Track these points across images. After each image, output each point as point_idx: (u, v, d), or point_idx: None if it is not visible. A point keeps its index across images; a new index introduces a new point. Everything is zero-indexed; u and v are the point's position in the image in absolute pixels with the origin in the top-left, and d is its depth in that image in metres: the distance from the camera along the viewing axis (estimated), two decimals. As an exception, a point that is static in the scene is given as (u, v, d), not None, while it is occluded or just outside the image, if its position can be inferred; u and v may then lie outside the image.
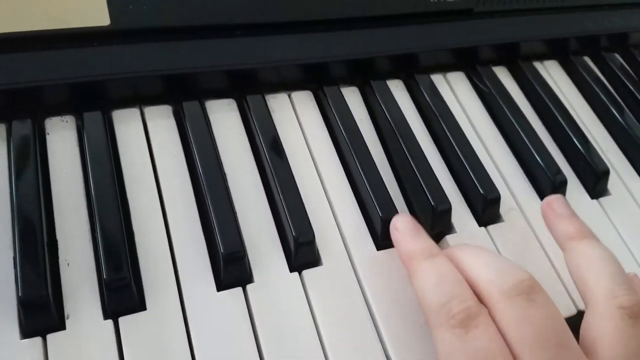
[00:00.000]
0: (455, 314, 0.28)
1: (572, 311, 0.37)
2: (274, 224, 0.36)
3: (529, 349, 0.27)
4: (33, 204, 0.32)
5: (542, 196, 0.42)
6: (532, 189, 0.43)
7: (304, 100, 0.43)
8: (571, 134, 0.46)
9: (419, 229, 0.34)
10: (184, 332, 0.31)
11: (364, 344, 0.32)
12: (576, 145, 0.45)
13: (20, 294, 0.29)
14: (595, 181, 0.44)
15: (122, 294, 0.30)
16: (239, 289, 0.33)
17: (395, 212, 0.37)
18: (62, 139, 0.37)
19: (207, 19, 0.39)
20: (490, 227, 0.39)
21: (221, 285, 0.33)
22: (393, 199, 0.37)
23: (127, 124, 0.38)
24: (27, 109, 0.36)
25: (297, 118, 0.42)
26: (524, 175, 0.43)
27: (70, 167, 0.35)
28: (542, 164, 0.42)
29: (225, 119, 0.41)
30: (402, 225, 0.34)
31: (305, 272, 0.35)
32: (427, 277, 0.31)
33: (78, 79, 0.37)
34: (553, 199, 0.37)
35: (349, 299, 0.34)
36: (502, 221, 0.40)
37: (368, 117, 0.44)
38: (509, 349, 0.28)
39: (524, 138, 0.44)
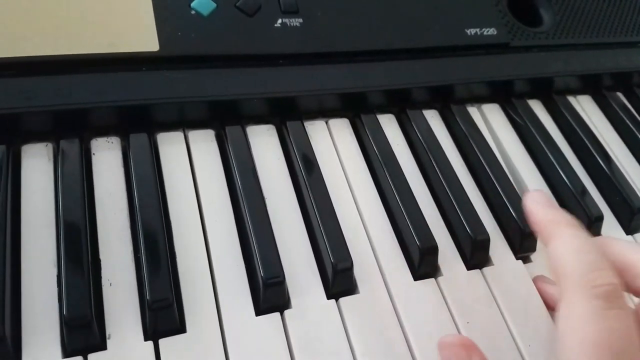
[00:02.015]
0: (599, 285, 0.27)
1: None
2: (312, 250, 0.37)
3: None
4: (78, 223, 0.33)
5: (578, 230, 0.42)
6: (569, 223, 0.42)
7: (341, 127, 0.44)
8: (606, 169, 0.45)
9: (557, 205, 0.34)
10: (223, 355, 0.31)
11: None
12: (611, 181, 0.45)
13: (64, 313, 0.29)
14: (631, 217, 0.43)
15: (164, 315, 0.30)
16: (277, 315, 0.33)
17: (433, 241, 0.37)
18: (107, 160, 0.37)
19: (252, 48, 0.40)
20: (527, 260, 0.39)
21: (260, 310, 0.33)
22: (431, 227, 0.37)
23: (171, 147, 0.39)
24: (75, 130, 0.37)
25: (334, 144, 0.43)
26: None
27: (115, 187, 0.36)
28: (578, 198, 0.42)
29: (265, 144, 0.41)
30: (540, 198, 0.34)
31: (342, 300, 0.35)
32: (572, 243, 0.30)
33: (126, 102, 0.38)
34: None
35: (386, 329, 0.34)
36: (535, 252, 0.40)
37: (405, 143, 0.44)
38: None
39: (560, 171, 0.44)
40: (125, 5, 0.39)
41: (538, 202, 0.34)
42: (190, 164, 0.39)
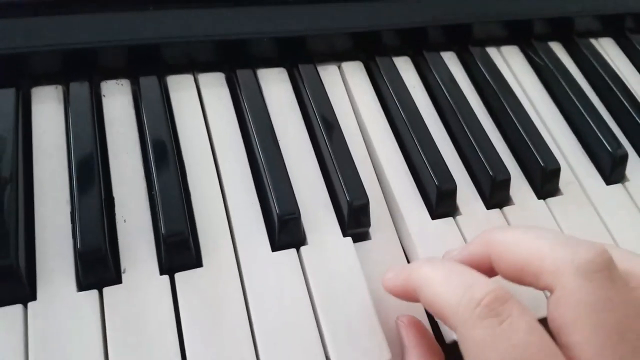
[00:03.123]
0: (479, 300, 0.23)
1: None
2: (327, 190, 0.36)
3: (602, 340, 0.22)
4: (91, 162, 0.32)
5: (601, 171, 0.41)
6: (591, 163, 0.41)
7: (355, 71, 0.43)
8: (630, 108, 0.44)
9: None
10: (240, 289, 0.30)
11: (411, 308, 0.31)
12: (636, 120, 0.43)
13: (79, 247, 0.29)
14: (658, 157, 0.42)
15: (180, 249, 0.30)
16: (293, 250, 0.32)
17: (453, 181, 0.36)
18: (118, 102, 0.37)
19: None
20: (549, 200, 0.38)
21: (275, 246, 0.32)
22: (449, 167, 0.36)
23: (181, 89, 0.38)
24: (84, 72, 0.37)
25: (347, 87, 0.42)
26: (582, 149, 0.42)
27: (127, 128, 0.36)
28: (602, 138, 0.41)
29: (276, 87, 0.40)
30: (388, 272, 0.29)
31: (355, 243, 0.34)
32: (432, 279, 0.26)
33: (134, 42, 0.37)
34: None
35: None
36: (561, 194, 0.39)
37: (422, 86, 0.43)
38: (562, 340, 0.23)
39: (583, 112, 0.42)
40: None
41: (389, 278, 0.29)
42: (202, 106, 0.38)
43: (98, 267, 0.29)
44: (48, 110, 0.35)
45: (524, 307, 0.23)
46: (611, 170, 0.40)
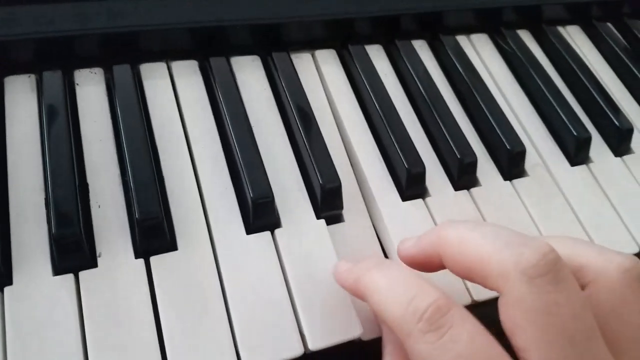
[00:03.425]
0: (422, 313, 0.23)
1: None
2: (300, 174, 0.37)
3: (546, 347, 0.22)
4: (64, 149, 0.32)
5: (566, 153, 0.42)
6: (557, 146, 0.43)
7: (328, 58, 0.43)
8: (595, 93, 0.45)
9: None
10: (215, 272, 0.31)
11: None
12: (600, 105, 0.45)
13: (54, 231, 0.29)
14: (620, 139, 0.43)
15: (154, 232, 0.31)
16: (268, 233, 0.33)
17: (422, 164, 0.37)
18: (91, 90, 0.37)
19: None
20: (516, 181, 0.39)
21: (250, 229, 0.33)
22: (419, 151, 0.37)
23: (154, 77, 0.38)
24: (58, 60, 0.37)
25: (320, 75, 0.43)
26: (548, 133, 0.43)
27: (100, 116, 0.36)
28: (566, 121, 0.42)
29: (250, 75, 0.41)
30: (341, 266, 0.30)
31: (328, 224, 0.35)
32: (378, 287, 0.26)
33: (107, 30, 0.37)
34: (398, 245, 0.30)
35: (373, 246, 0.34)
36: (527, 176, 0.40)
37: (394, 74, 0.44)
38: (514, 342, 0.23)
39: (548, 96, 0.44)
40: None
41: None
42: (175, 94, 0.38)
43: (73, 251, 0.29)
44: (21, 99, 0.36)
45: (466, 314, 0.23)
46: (575, 152, 0.42)
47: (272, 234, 0.33)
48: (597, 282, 0.24)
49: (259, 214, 0.33)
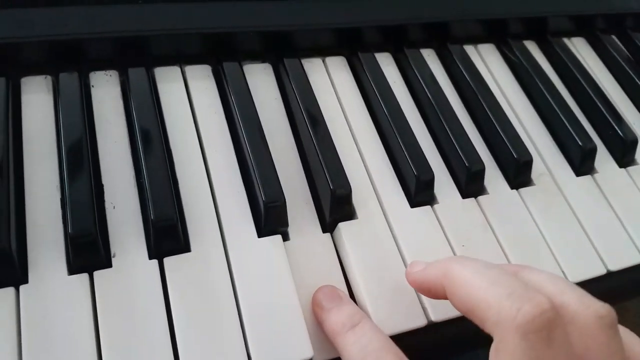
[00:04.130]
0: (527, 313, 0.23)
1: (602, 271, 0.37)
2: (307, 181, 0.37)
3: None
4: (81, 149, 0.33)
5: (571, 163, 0.43)
6: (562, 156, 0.43)
7: (338, 65, 0.44)
8: (599, 105, 0.46)
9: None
10: (227, 274, 0.31)
11: (399, 289, 0.33)
12: (605, 116, 0.46)
13: (70, 230, 0.30)
14: (624, 151, 0.44)
15: (168, 234, 0.31)
16: (278, 237, 0.34)
17: (431, 171, 0.37)
18: (106, 92, 0.37)
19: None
20: (522, 190, 0.40)
21: (261, 232, 0.33)
22: (427, 158, 0.38)
23: (169, 81, 0.39)
24: (73, 62, 0.37)
25: (331, 81, 0.43)
26: (553, 142, 0.44)
27: (115, 118, 0.36)
28: (572, 132, 0.43)
29: (261, 81, 0.42)
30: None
31: (341, 224, 0.35)
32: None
33: (123, 34, 0.38)
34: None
35: (383, 250, 0.35)
36: (533, 185, 0.41)
37: (402, 81, 0.45)
38: None
39: (555, 107, 0.44)
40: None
41: (415, 270, 0.31)
42: (188, 97, 0.39)
43: (88, 250, 0.30)
44: (38, 100, 0.36)
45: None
46: (581, 162, 0.42)
47: (283, 237, 0.34)
48: (573, 324, 0.24)
49: (271, 218, 0.33)
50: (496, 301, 0.24)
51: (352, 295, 0.33)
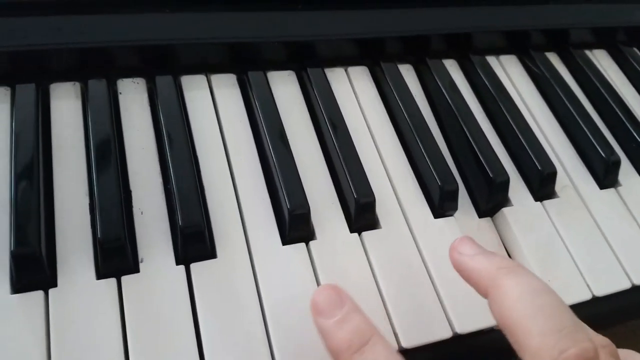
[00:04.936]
0: (563, 343, 0.22)
1: (627, 285, 0.37)
2: (334, 188, 0.37)
3: None
4: (110, 155, 0.33)
5: (595, 176, 0.43)
6: (585, 168, 0.43)
7: (361, 75, 0.44)
8: (622, 117, 0.46)
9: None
10: (252, 281, 0.32)
11: (423, 300, 0.33)
12: (628, 129, 0.45)
13: (99, 236, 0.30)
14: (649, 164, 0.44)
15: (196, 241, 0.31)
16: (302, 245, 0.34)
17: (455, 182, 0.37)
18: (134, 99, 0.38)
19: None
20: (546, 202, 0.40)
21: (286, 240, 0.34)
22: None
23: (195, 89, 0.40)
24: (101, 69, 0.38)
25: (353, 91, 0.43)
26: (576, 155, 0.44)
27: (143, 124, 0.37)
28: (596, 145, 0.43)
29: (285, 89, 0.42)
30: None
31: (365, 234, 0.35)
32: (520, 288, 0.25)
33: (151, 42, 0.38)
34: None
35: (407, 261, 0.35)
36: (557, 197, 0.41)
37: (422, 94, 0.45)
38: None
39: (578, 119, 0.44)
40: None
41: (464, 253, 0.28)
42: (214, 105, 0.39)
43: (117, 256, 0.30)
44: (67, 106, 0.37)
45: None
46: (604, 175, 0.42)
47: (307, 245, 0.34)
48: None
49: (295, 225, 0.34)
50: (540, 333, 0.23)
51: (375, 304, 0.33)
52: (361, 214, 0.35)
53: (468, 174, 0.40)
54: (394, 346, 0.31)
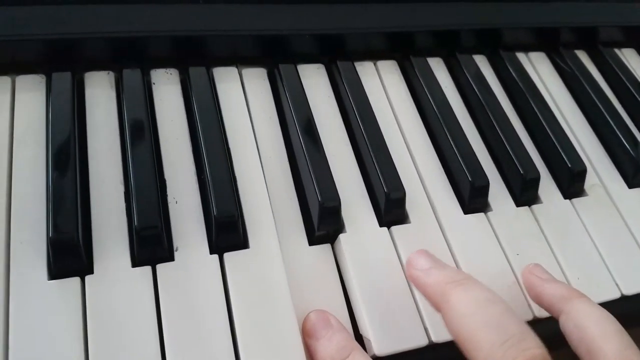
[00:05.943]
0: (510, 353, 0.23)
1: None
2: (364, 182, 0.37)
3: None
4: (145, 144, 0.34)
5: (623, 175, 0.42)
6: (614, 167, 0.43)
7: (390, 69, 0.44)
8: (654, 118, 0.46)
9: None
10: (282, 272, 0.32)
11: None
12: (658, 128, 0.45)
13: (136, 224, 0.30)
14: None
15: (229, 230, 0.32)
16: (328, 246, 0.34)
17: (486, 178, 0.37)
18: (168, 90, 0.38)
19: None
20: (575, 200, 0.40)
21: (314, 235, 0.34)
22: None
23: (227, 81, 0.40)
24: (135, 60, 0.38)
25: (382, 84, 0.43)
26: (605, 153, 0.44)
27: (176, 115, 0.37)
28: (625, 144, 0.42)
29: (315, 82, 0.42)
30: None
31: (394, 228, 0.35)
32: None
33: (184, 33, 0.38)
34: (533, 266, 0.33)
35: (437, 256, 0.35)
36: (586, 195, 0.40)
37: (453, 86, 0.45)
38: None
39: (607, 117, 0.44)
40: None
41: (418, 268, 0.30)
42: (245, 98, 0.39)
43: (153, 244, 0.31)
44: (101, 95, 0.37)
45: None
46: (634, 174, 0.42)
47: (337, 239, 0.34)
48: None
49: (326, 219, 0.34)
50: (488, 346, 0.24)
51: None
52: (391, 209, 0.35)
53: (504, 168, 0.40)
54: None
